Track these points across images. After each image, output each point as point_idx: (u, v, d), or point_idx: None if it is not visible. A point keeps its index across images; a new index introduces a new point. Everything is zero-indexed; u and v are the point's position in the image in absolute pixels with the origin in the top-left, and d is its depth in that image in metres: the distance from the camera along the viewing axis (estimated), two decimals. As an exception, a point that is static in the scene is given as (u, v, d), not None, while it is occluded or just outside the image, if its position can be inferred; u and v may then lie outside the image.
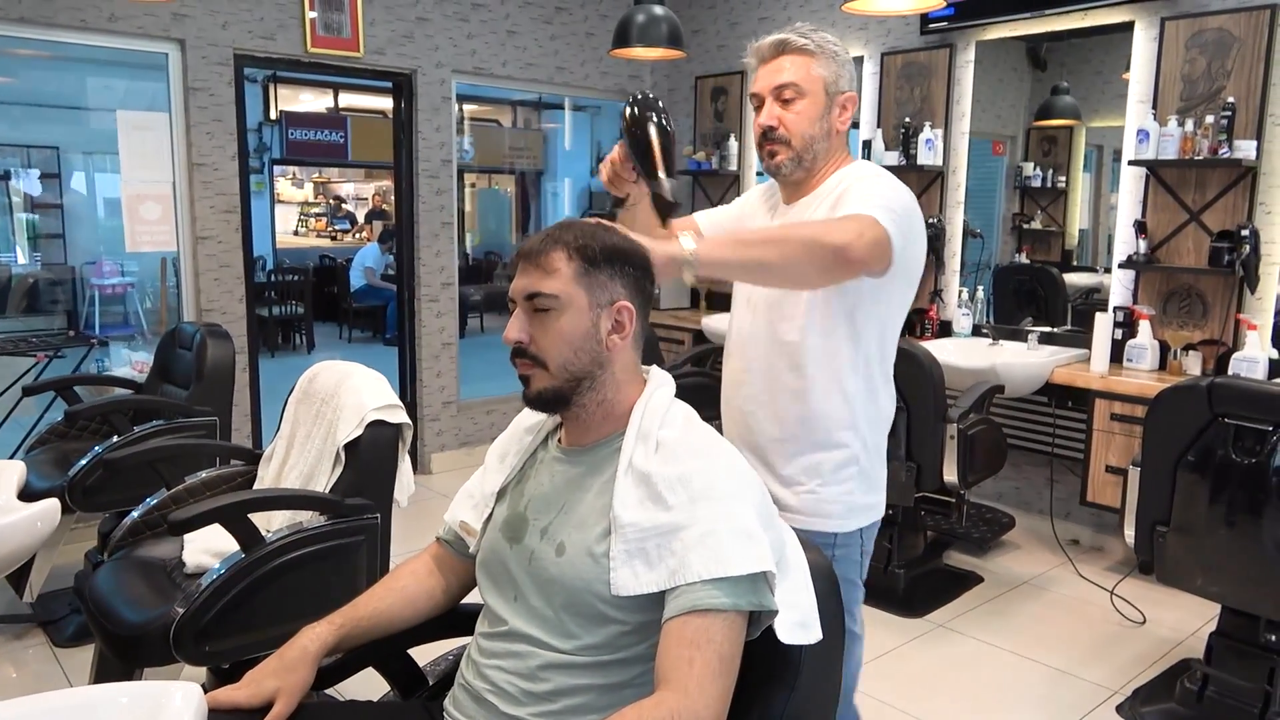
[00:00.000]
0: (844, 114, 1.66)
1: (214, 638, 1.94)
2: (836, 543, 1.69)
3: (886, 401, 1.72)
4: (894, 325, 1.70)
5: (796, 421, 1.67)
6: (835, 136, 1.66)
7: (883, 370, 1.69)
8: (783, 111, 1.63)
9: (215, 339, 3.22)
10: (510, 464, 1.37)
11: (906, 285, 1.64)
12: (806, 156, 1.63)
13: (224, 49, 3.96)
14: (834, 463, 1.66)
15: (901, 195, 1.55)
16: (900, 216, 1.50)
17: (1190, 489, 2.41)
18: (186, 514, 1.89)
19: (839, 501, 1.67)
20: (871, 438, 1.69)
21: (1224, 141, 3.31)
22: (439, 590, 1.42)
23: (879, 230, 1.45)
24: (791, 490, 1.68)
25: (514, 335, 1.22)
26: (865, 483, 1.70)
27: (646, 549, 1.14)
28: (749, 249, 1.45)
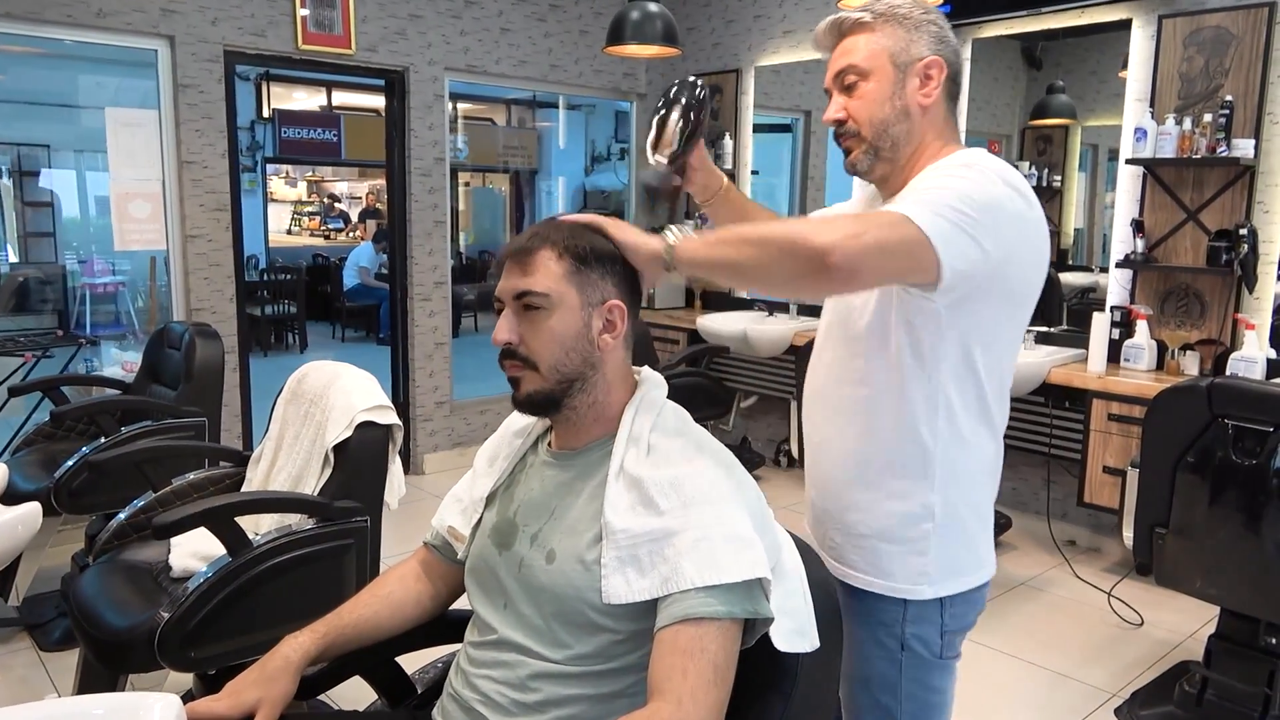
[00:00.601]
0: (926, 85, 1.33)
1: (200, 643, 1.91)
2: (907, 615, 1.38)
3: (985, 448, 1.38)
4: (991, 354, 1.33)
5: (858, 463, 1.40)
6: (921, 115, 1.34)
7: (978, 411, 1.34)
8: (848, 99, 1.36)
9: (204, 339, 3.18)
10: (499, 468, 1.34)
11: (1003, 302, 1.30)
12: (883, 145, 1.34)
13: (214, 45, 3.92)
14: (900, 516, 1.36)
15: (987, 189, 1.22)
16: (970, 216, 1.18)
17: (1189, 490, 2.38)
18: (171, 518, 1.85)
19: (905, 563, 1.37)
20: (957, 491, 1.36)
21: (1222, 140, 3.29)
22: (427, 597, 1.38)
23: (901, 232, 1.15)
24: (852, 542, 1.42)
25: (503, 336, 1.19)
26: (947, 544, 1.36)
27: (638, 555, 1.11)
28: (726, 248, 1.22)
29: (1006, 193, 1.24)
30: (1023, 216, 1.26)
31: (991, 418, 1.37)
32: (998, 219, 1.21)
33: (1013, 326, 1.35)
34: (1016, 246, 1.26)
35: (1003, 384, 1.37)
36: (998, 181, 1.24)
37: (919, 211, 1.16)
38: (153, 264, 4.31)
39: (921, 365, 1.31)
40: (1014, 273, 1.27)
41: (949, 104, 1.38)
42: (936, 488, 1.35)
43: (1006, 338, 1.35)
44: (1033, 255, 1.30)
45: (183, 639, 1.89)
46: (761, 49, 5.03)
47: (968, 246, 1.18)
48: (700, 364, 4.60)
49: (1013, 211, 1.24)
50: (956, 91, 1.38)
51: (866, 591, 1.40)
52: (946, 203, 1.18)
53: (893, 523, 1.37)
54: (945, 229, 1.16)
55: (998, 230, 1.21)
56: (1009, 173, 1.27)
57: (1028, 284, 1.32)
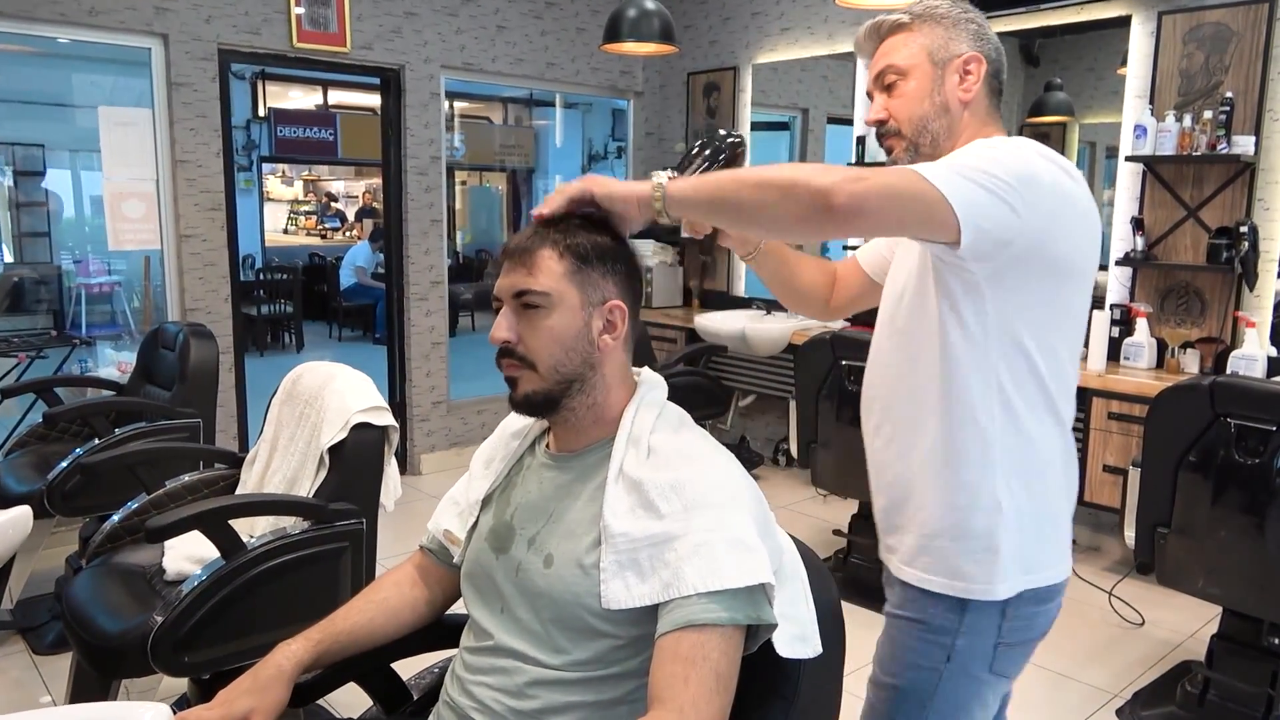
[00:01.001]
0: (965, 80, 1.33)
1: (193, 648, 1.89)
2: (964, 622, 1.32)
3: (1051, 440, 1.31)
4: (1043, 337, 1.26)
5: (920, 458, 1.35)
6: (961, 110, 1.34)
7: (1038, 398, 1.28)
8: (889, 99, 1.36)
9: (198, 339, 3.16)
10: (496, 470, 1.32)
11: (1046, 277, 1.24)
12: (923, 141, 1.34)
13: (208, 44, 3.89)
14: (967, 511, 1.30)
15: (1019, 158, 1.18)
16: (998, 178, 1.14)
17: (1192, 490, 2.37)
18: (164, 521, 1.83)
19: (975, 560, 1.30)
20: (1023, 484, 1.29)
21: (1222, 137, 3.28)
22: (423, 602, 1.36)
23: (910, 181, 1.13)
24: (921, 542, 1.35)
25: (502, 335, 1.17)
26: (1018, 538, 1.30)
27: (639, 560, 1.09)
28: (722, 187, 1.17)
29: (1043, 164, 1.20)
30: (1063, 187, 1.21)
31: (1056, 407, 1.30)
32: (1032, 186, 1.17)
33: (1063, 308, 1.28)
34: (1058, 217, 1.20)
35: (1063, 372, 1.30)
36: (1032, 154, 1.20)
37: (934, 170, 1.14)
38: (147, 264, 4.29)
39: (970, 346, 1.26)
40: (1058, 246, 1.22)
41: (992, 100, 1.37)
42: (1000, 478, 1.28)
43: (1059, 320, 1.28)
44: (1080, 227, 1.25)
45: (176, 643, 1.87)
46: (759, 47, 5.01)
47: (993, 206, 1.14)
48: (698, 363, 4.59)
49: (1051, 182, 1.19)
50: (999, 88, 1.37)
51: (925, 593, 1.34)
52: (970, 165, 1.15)
53: (960, 519, 1.31)
54: (963, 186, 1.13)
55: (1034, 197, 1.17)
56: (1051, 152, 1.23)
57: (1074, 260, 1.25)
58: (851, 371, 3.16)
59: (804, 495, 4.43)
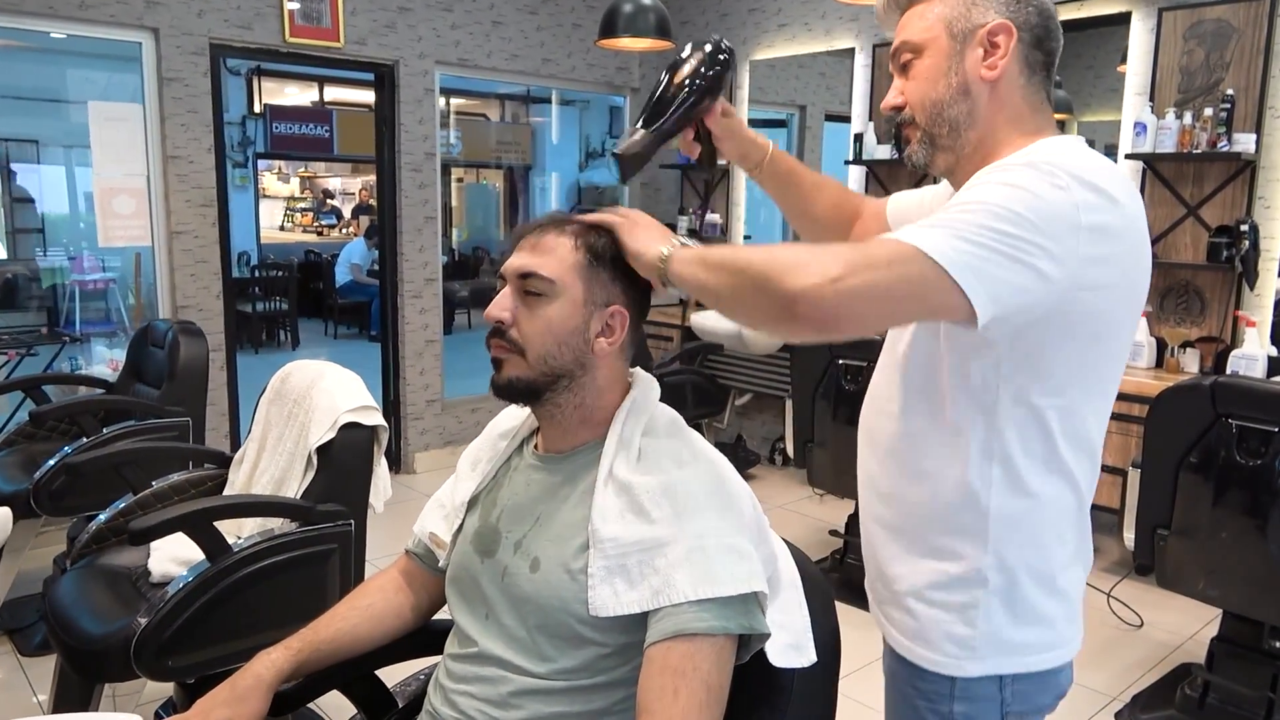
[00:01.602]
0: (992, 54, 1.08)
1: (177, 652, 1.86)
2: (955, 694, 1.15)
3: (1061, 502, 1.11)
4: (1060, 397, 1.06)
5: (900, 511, 1.19)
6: (986, 92, 1.09)
7: (1044, 458, 1.08)
8: (905, 81, 1.14)
9: (188, 336, 3.12)
10: (483, 471, 1.28)
11: (1066, 338, 1.02)
12: (939, 131, 1.11)
13: (199, 38, 3.85)
14: (944, 577, 1.14)
15: (1045, 196, 0.95)
16: (1014, 236, 0.93)
17: (1192, 491, 2.34)
18: (147, 523, 1.80)
19: (949, 632, 1.13)
20: (1018, 553, 1.11)
21: (1223, 134, 3.25)
22: (408, 607, 1.33)
23: (903, 271, 0.93)
24: (895, 599, 1.20)
25: (497, 313, 1.14)
26: (1002, 615, 1.12)
27: (627, 565, 1.06)
28: (709, 270, 1.03)
29: (1081, 198, 0.96)
30: (1102, 231, 0.97)
31: (1066, 467, 1.09)
32: (1061, 235, 0.95)
33: (1092, 366, 1.06)
34: (1087, 270, 0.97)
35: (1082, 433, 1.09)
36: (1067, 183, 0.96)
37: (935, 239, 0.93)
38: (138, 260, 4.25)
39: (972, 401, 1.08)
40: (1086, 303, 0.99)
41: (1030, 79, 1.10)
42: (990, 547, 1.10)
43: (1083, 378, 1.06)
44: (1117, 279, 1.01)
45: (159, 647, 1.84)
46: (756, 43, 4.97)
47: (1013, 274, 0.93)
48: (694, 362, 4.56)
49: (1088, 225, 0.96)
50: (1044, 62, 1.11)
51: (909, 662, 1.19)
52: (979, 223, 0.93)
53: (936, 583, 1.14)
54: (973, 258, 0.92)
55: (1061, 250, 0.95)
56: (1091, 170, 0.99)
57: (1105, 318, 1.03)
58: (848, 370, 3.13)
59: (800, 495, 4.40)
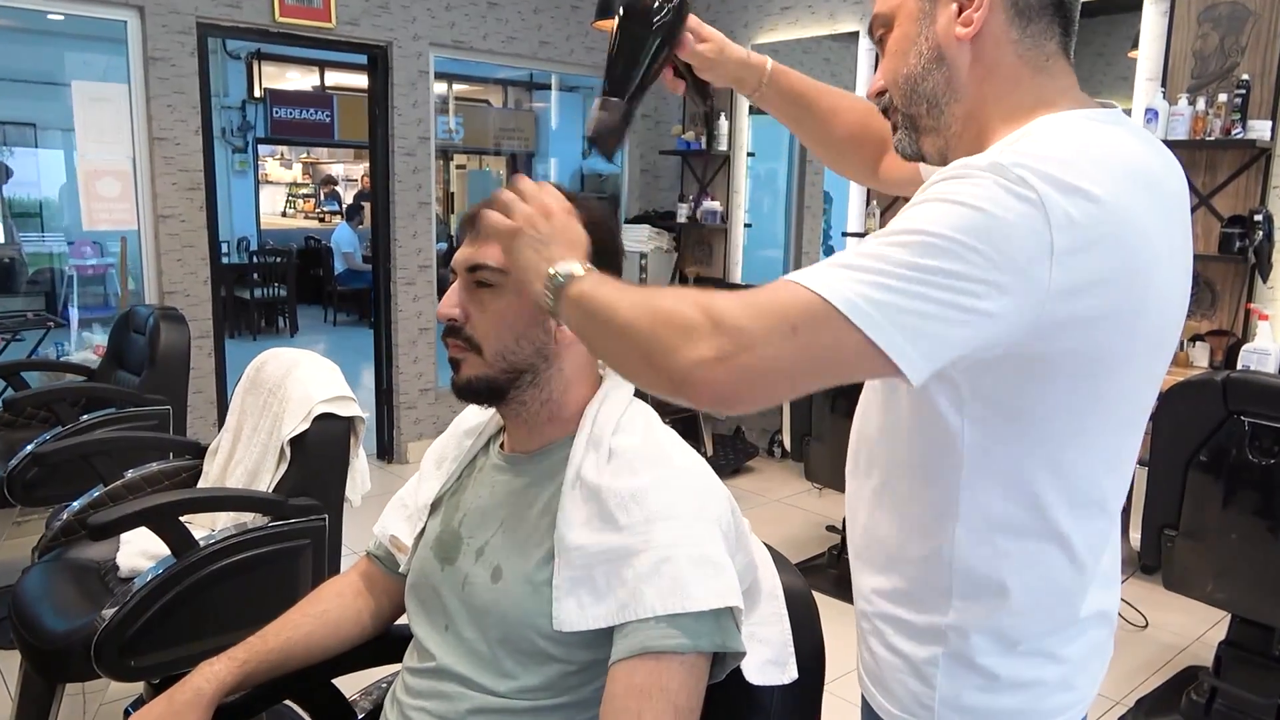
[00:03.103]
0: (966, 8, 0.86)
1: (140, 651, 1.78)
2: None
3: (1051, 568, 0.90)
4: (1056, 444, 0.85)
5: (867, 541, 1.02)
6: (965, 55, 0.88)
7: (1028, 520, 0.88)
8: (884, 62, 0.96)
9: (169, 322, 3.04)
10: (447, 470, 1.20)
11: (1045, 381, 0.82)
12: (917, 111, 0.92)
13: (186, 17, 3.75)
14: (903, 625, 0.97)
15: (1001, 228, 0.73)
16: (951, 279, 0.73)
17: (1202, 491, 2.25)
18: (107, 517, 1.72)
19: (903, 682, 0.97)
20: (984, 618, 0.92)
21: (1237, 121, 3.14)
22: (368, 613, 1.25)
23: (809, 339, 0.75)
24: (862, 642, 1.04)
25: (447, 310, 1.05)
26: (961, 681, 0.93)
27: (594, 577, 0.97)
28: (594, 322, 0.85)
29: (1056, 212, 0.74)
30: (1088, 248, 0.75)
31: (1058, 531, 0.88)
32: (1019, 262, 0.73)
33: (1090, 417, 0.85)
34: (1061, 303, 0.75)
35: (1092, 493, 0.89)
36: (1040, 191, 0.74)
37: (849, 289, 0.74)
38: (124, 244, 4.17)
39: (935, 441, 0.89)
40: (1067, 341, 0.78)
41: (1025, 29, 0.87)
42: (952, 609, 0.93)
43: (1082, 433, 0.85)
44: (1111, 308, 0.78)
45: (122, 646, 1.76)
46: (759, 26, 4.86)
47: (952, 326, 0.74)
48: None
49: (1064, 246, 0.74)
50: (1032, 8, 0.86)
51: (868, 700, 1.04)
52: (908, 262, 0.74)
53: (897, 632, 0.98)
54: (899, 312, 0.73)
55: (1021, 280, 0.74)
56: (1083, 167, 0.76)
57: (1106, 356, 0.81)
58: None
59: (799, 489, 4.31)
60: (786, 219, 5.31)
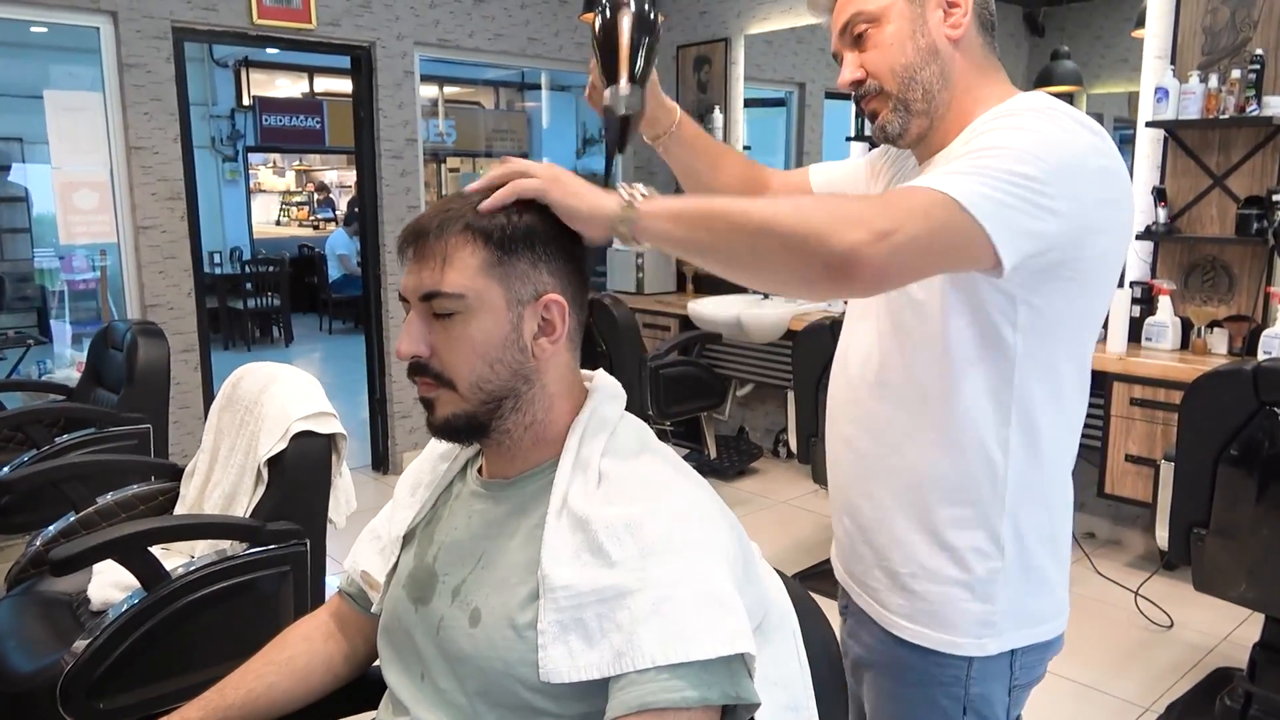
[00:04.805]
0: (951, 14, 1.08)
1: (109, 693, 1.67)
2: (972, 671, 1.12)
3: (1066, 464, 1.13)
4: (1071, 343, 1.08)
5: (906, 486, 1.13)
6: (952, 51, 1.08)
7: (1058, 416, 1.09)
8: (862, 54, 1.11)
9: (147, 338, 2.92)
10: (421, 498, 1.08)
11: (1076, 279, 1.03)
12: (913, 97, 1.08)
13: (160, 21, 3.63)
14: (961, 552, 1.10)
15: (1061, 140, 0.96)
16: (1036, 181, 0.93)
17: (1233, 486, 2.13)
18: (69, 551, 1.61)
19: (968, 611, 1.10)
20: (1032, 519, 1.10)
21: (1252, 98, 3.02)
22: (339, 658, 1.13)
23: (941, 219, 0.91)
24: (900, 586, 1.15)
25: (408, 348, 0.92)
26: (1018, 583, 1.10)
27: (584, 620, 0.86)
28: (711, 226, 0.94)
29: (1088, 142, 0.98)
30: (1107, 173, 1.00)
31: (1074, 421, 1.12)
32: (1076, 178, 0.96)
33: (1090, 312, 1.08)
34: (1097, 212, 0.99)
35: (1084, 384, 1.12)
36: (1074, 128, 0.98)
37: (964, 186, 0.91)
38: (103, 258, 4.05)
39: (987, 355, 1.05)
40: (1093, 246, 1.01)
41: (985, 35, 1.11)
42: (1007, 514, 1.09)
43: (1090, 327, 1.10)
44: (1115, 224, 1.04)
45: (90, 688, 1.65)
46: (752, 16, 4.74)
47: (1034, 221, 0.93)
48: (692, 352, 4.35)
49: (1096, 168, 0.99)
50: (991, 21, 1.12)
51: (913, 646, 1.15)
52: (1003, 167, 0.93)
53: (952, 561, 1.11)
54: (1000, 206, 0.91)
55: (1075, 193, 0.96)
56: (1085, 116, 1.01)
57: (1107, 260, 1.05)
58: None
59: (805, 489, 4.19)
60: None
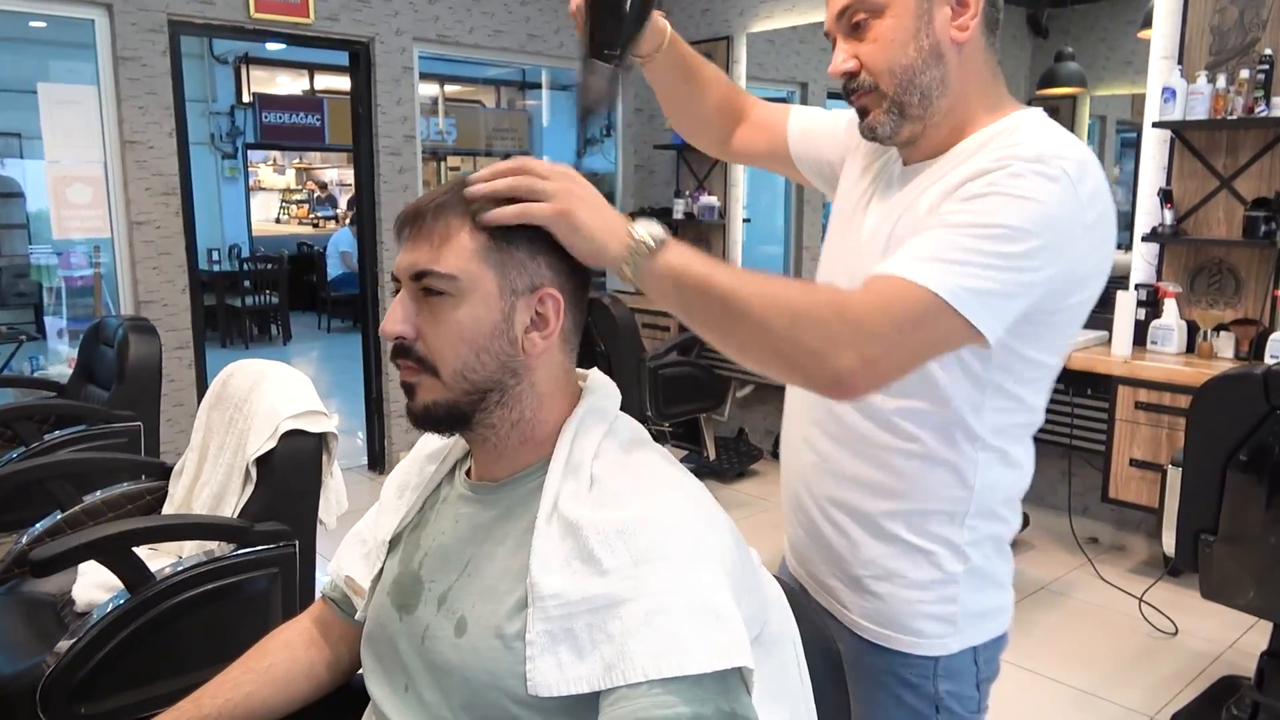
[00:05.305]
0: (961, 14, 1.00)
1: (91, 697, 1.63)
2: (939, 670, 1.11)
3: (1025, 467, 1.11)
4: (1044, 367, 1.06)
5: (872, 493, 1.10)
6: (956, 55, 1.01)
7: (1022, 433, 1.09)
8: (858, 44, 1.03)
9: (138, 334, 2.87)
10: (408, 501, 1.04)
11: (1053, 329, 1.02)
12: (910, 101, 1.02)
13: (156, 14, 3.60)
14: (926, 558, 1.09)
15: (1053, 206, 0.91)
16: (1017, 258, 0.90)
17: (1242, 492, 2.09)
18: (50, 552, 1.57)
19: (931, 612, 1.09)
20: (989, 523, 1.09)
21: (1260, 99, 2.98)
22: (322, 665, 1.09)
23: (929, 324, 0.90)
24: (857, 592, 1.13)
25: (393, 327, 0.89)
26: (976, 583, 1.10)
27: (574, 630, 0.82)
28: (708, 306, 0.91)
29: (1085, 191, 0.94)
30: (1100, 222, 0.97)
31: (1033, 431, 1.10)
32: (1068, 243, 0.94)
33: (1064, 337, 1.06)
34: (1084, 265, 0.97)
35: (1048, 392, 1.10)
36: (1074, 178, 0.93)
37: (951, 281, 0.89)
38: (96, 253, 4.01)
39: (954, 369, 1.02)
40: (1076, 295, 1.00)
41: (990, 41, 1.04)
42: (970, 519, 1.08)
43: (1058, 345, 1.06)
44: (1101, 269, 1.01)
45: (71, 692, 1.61)
46: (754, 14, 4.70)
47: (1020, 300, 0.93)
48: (691, 353, 4.31)
49: (1090, 221, 0.95)
50: (998, 20, 1.04)
51: (879, 647, 1.13)
52: (993, 250, 0.90)
53: (916, 566, 1.09)
54: (987, 296, 0.90)
55: (1066, 257, 0.94)
56: (1082, 149, 0.96)
57: (1087, 301, 1.03)
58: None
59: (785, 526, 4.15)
60: (786, 213, 5.16)
